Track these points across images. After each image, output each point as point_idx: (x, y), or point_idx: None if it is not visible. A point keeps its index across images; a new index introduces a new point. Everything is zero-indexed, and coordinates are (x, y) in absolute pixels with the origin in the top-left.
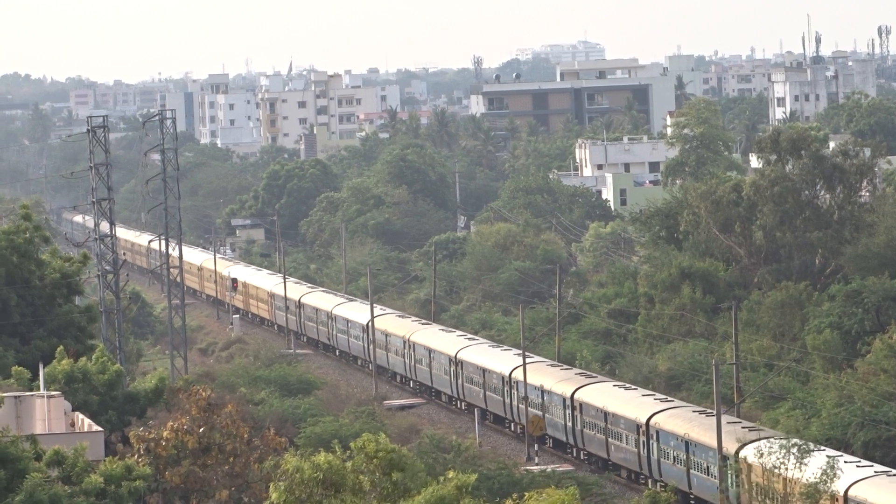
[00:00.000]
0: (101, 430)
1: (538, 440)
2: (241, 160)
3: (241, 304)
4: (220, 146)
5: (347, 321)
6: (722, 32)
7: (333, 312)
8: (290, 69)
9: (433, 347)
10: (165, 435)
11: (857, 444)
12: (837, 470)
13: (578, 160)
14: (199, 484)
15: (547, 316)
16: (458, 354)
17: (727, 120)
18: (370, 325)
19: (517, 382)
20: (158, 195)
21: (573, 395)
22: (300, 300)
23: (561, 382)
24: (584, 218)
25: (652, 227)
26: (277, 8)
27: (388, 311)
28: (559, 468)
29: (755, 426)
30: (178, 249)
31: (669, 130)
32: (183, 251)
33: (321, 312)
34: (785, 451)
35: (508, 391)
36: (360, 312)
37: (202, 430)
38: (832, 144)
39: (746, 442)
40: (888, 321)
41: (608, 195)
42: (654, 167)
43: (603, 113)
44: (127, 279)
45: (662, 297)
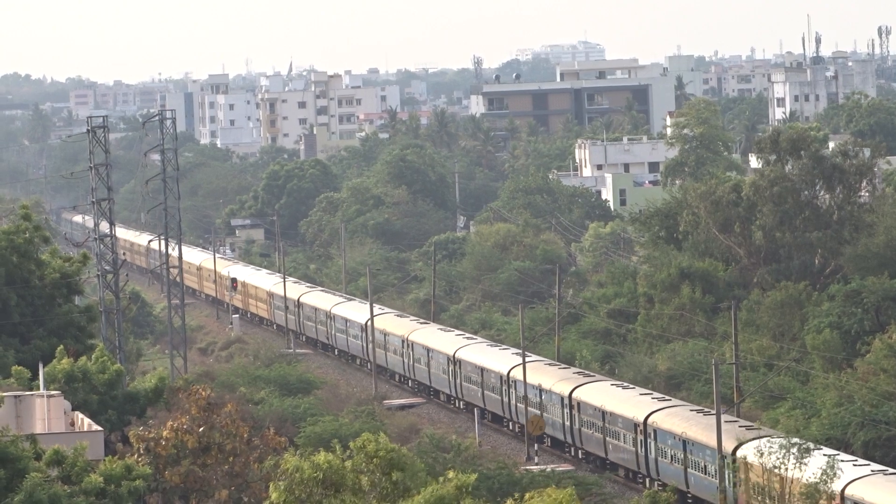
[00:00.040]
0: (100, 429)
1: (536, 439)
2: (240, 160)
3: (240, 303)
4: (219, 146)
5: (346, 320)
6: (722, 33)
7: (332, 312)
8: (290, 69)
9: (431, 347)
10: (165, 434)
11: (856, 443)
12: (837, 469)
13: (578, 160)
14: (198, 483)
15: (546, 316)
16: (456, 354)
17: (727, 120)
18: (369, 324)
19: (515, 382)
20: (158, 195)
21: (571, 394)
22: (299, 300)
23: (559, 381)
24: (583, 218)
25: (651, 227)
26: (277, 8)
27: (386, 310)
28: (559, 468)
29: (752, 425)
30: (177, 249)
31: (669, 131)
32: (182, 251)
33: (320, 312)
34: (784, 450)
35: (507, 390)
36: (358, 312)
37: (202, 429)
38: (832, 145)
39: (744, 441)
40: (888, 321)
41: (608, 195)
42: (653, 167)
43: (603, 113)
44: (127, 279)
45: (662, 297)
